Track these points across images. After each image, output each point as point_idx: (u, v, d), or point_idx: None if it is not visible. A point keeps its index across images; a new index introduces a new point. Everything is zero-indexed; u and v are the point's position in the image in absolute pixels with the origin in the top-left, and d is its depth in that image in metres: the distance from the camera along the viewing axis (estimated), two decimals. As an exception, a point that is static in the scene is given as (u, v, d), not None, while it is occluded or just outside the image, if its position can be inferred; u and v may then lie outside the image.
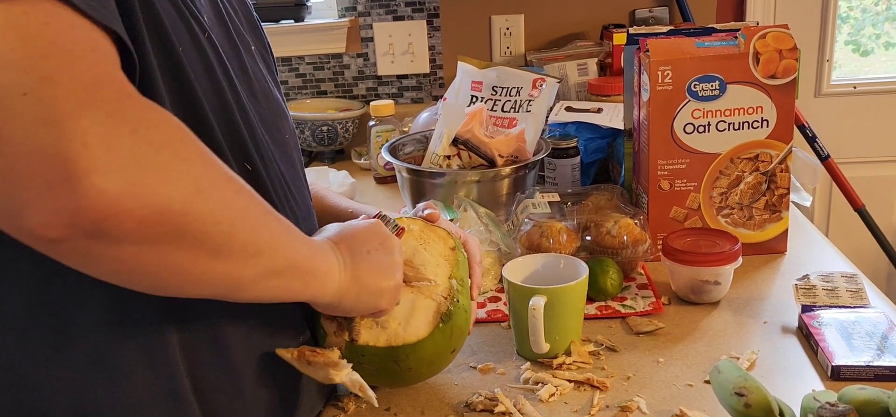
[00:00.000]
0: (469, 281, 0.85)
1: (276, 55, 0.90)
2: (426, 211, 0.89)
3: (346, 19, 1.86)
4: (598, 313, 1.00)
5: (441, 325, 0.77)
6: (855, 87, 2.04)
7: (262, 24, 0.88)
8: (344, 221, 0.77)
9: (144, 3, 0.57)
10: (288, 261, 0.62)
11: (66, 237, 0.47)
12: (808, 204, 1.43)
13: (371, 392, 0.71)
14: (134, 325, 0.60)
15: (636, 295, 1.04)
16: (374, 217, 0.79)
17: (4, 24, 0.46)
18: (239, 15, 0.79)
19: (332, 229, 0.74)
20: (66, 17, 0.48)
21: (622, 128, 1.29)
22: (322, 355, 0.71)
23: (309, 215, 0.81)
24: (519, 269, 0.94)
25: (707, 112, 1.09)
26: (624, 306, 1.01)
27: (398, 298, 0.75)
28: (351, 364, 0.71)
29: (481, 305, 1.04)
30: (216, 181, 0.54)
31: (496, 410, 0.79)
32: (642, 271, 1.11)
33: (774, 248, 1.16)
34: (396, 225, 0.80)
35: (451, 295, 0.79)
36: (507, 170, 1.26)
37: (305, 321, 0.77)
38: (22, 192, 0.46)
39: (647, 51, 1.09)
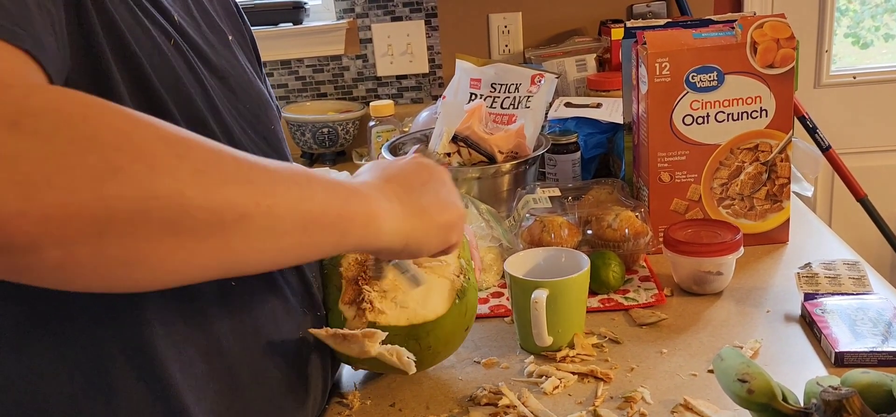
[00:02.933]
0: (472, 262, 0.87)
1: (275, 58, 0.89)
2: None
3: (344, 21, 1.86)
4: (601, 306, 1.00)
5: (457, 301, 0.80)
6: (854, 78, 2.04)
7: (242, 11, 0.87)
8: None
9: (99, 6, 0.55)
10: (304, 217, 0.53)
11: None
12: (809, 194, 1.43)
13: (408, 357, 0.73)
14: (126, 338, 0.59)
15: (638, 287, 1.04)
16: (413, 151, 0.76)
17: None
18: (215, 4, 0.78)
19: (366, 171, 0.68)
20: None
21: (622, 122, 1.29)
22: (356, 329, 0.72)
23: None
24: (521, 264, 0.94)
25: (705, 103, 1.09)
26: (626, 298, 1.01)
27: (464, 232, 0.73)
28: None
29: (484, 301, 1.04)
30: (140, 151, 0.44)
31: (500, 404, 0.79)
32: (644, 263, 1.11)
33: (776, 238, 1.16)
34: (439, 159, 0.79)
35: (463, 273, 0.82)
36: (508, 166, 1.26)
37: (322, 306, 0.77)
38: None
39: (645, 43, 1.09)
